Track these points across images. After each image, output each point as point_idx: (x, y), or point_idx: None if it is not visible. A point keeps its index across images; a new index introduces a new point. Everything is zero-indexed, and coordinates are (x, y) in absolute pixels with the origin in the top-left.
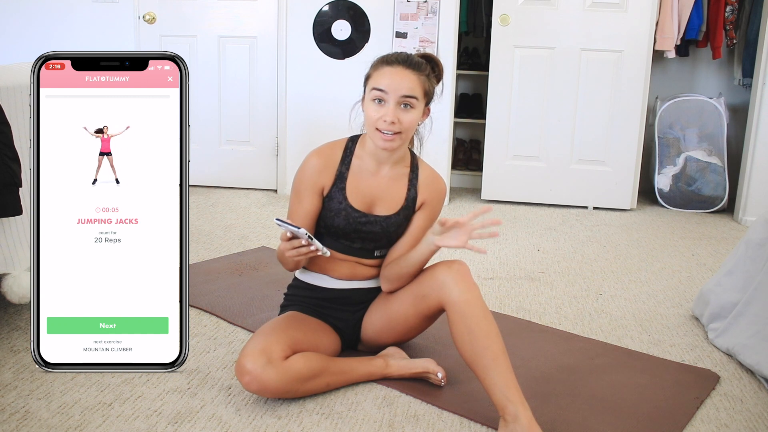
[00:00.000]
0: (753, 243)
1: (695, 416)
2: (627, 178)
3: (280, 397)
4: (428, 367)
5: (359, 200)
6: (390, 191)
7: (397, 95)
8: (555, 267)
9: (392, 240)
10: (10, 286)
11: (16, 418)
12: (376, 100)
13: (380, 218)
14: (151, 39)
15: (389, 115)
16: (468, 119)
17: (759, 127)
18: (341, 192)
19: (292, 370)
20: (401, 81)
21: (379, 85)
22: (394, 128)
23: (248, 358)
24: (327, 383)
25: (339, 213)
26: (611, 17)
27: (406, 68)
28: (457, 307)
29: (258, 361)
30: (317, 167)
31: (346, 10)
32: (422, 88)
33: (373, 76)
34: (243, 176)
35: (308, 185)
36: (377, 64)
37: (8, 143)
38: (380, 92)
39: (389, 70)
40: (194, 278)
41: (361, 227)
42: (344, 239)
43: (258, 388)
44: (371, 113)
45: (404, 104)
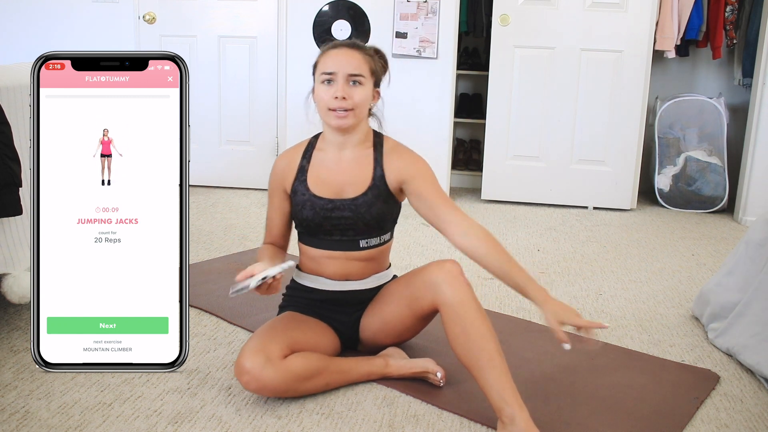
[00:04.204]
0: (753, 243)
1: (695, 416)
2: (627, 178)
3: (280, 396)
4: (428, 367)
5: (323, 188)
6: (355, 173)
7: (345, 73)
8: (555, 267)
9: (370, 224)
10: (10, 286)
11: (16, 418)
12: (325, 81)
13: (347, 201)
14: (151, 39)
15: (339, 92)
16: (468, 119)
17: (759, 127)
18: (303, 184)
19: (291, 369)
20: (347, 60)
21: (327, 69)
22: (345, 104)
23: (247, 358)
24: (326, 383)
25: (305, 204)
26: (611, 17)
27: (350, 49)
28: (451, 308)
29: (257, 361)
30: (280, 168)
31: (346, 10)
32: (368, 66)
33: (320, 62)
34: (243, 176)
35: (274, 187)
36: (323, 52)
37: (8, 143)
38: (328, 75)
39: (334, 52)
40: (194, 278)
41: (329, 214)
42: (321, 233)
43: (257, 387)
44: (322, 95)
45: (353, 81)
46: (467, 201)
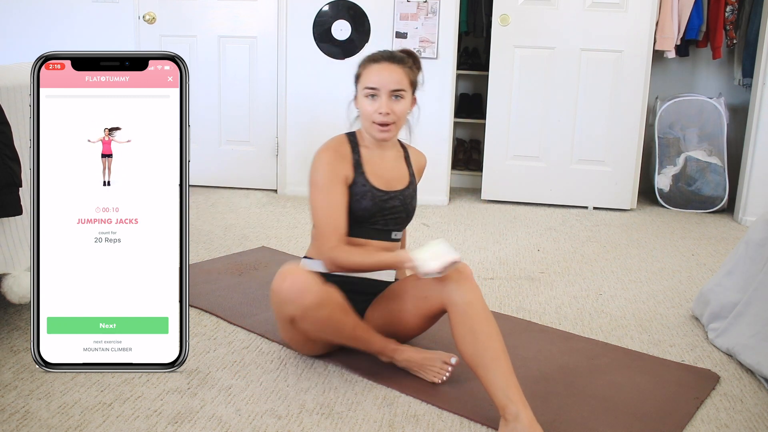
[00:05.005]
0: (753, 243)
1: (695, 416)
2: (627, 178)
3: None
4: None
5: (379, 181)
6: (397, 169)
7: (388, 89)
8: (555, 267)
9: (410, 215)
10: (10, 286)
11: (16, 418)
12: (369, 96)
13: (398, 192)
14: (151, 39)
15: (383, 108)
16: (468, 119)
17: (759, 127)
18: (362, 176)
19: (332, 294)
20: (389, 76)
21: (370, 83)
22: (389, 119)
23: (290, 265)
24: (353, 327)
25: (365, 195)
26: (611, 17)
27: (391, 63)
28: (460, 308)
29: (301, 269)
30: (334, 160)
31: (346, 10)
32: (408, 79)
33: (363, 75)
34: (243, 176)
35: (332, 177)
36: (365, 64)
37: (8, 143)
38: (372, 89)
39: (377, 67)
40: (194, 278)
41: (384, 204)
42: (367, 222)
43: (298, 291)
44: (367, 108)
45: (395, 96)
46: (467, 201)
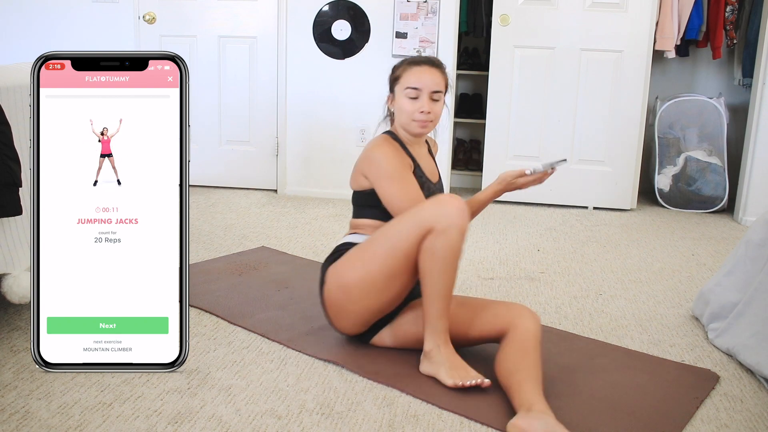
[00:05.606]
0: (753, 243)
1: (695, 416)
2: (627, 178)
3: (448, 241)
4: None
5: (427, 173)
6: (430, 164)
7: (429, 90)
8: (555, 267)
9: None
10: (10, 286)
11: (16, 418)
12: (410, 96)
13: (438, 184)
14: (151, 39)
15: (425, 107)
16: (468, 119)
17: (759, 127)
18: (419, 169)
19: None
20: (431, 78)
21: (412, 84)
22: (429, 117)
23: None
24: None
25: (423, 186)
26: (611, 17)
27: (431, 67)
28: (520, 331)
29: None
30: (397, 151)
31: (346, 10)
32: (444, 82)
33: (403, 76)
34: (243, 176)
35: (403, 166)
36: (405, 66)
37: (8, 143)
38: (414, 90)
39: (418, 69)
40: (194, 278)
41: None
42: None
43: (466, 213)
44: (408, 107)
45: (434, 97)
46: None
